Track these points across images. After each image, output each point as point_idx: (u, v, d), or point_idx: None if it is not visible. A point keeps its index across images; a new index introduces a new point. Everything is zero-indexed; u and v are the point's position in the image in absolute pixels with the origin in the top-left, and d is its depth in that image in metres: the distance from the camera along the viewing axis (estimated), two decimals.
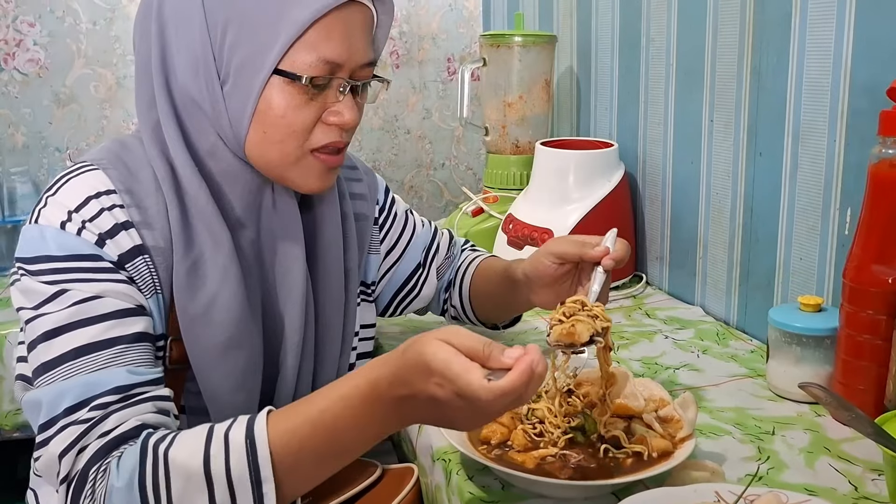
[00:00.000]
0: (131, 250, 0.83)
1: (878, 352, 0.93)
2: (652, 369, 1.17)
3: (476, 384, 0.67)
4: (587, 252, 0.98)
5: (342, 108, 0.87)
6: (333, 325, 0.98)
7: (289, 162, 0.87)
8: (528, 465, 0.84)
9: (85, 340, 0.79)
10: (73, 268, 0.80)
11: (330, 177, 0.91)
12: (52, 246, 0.81)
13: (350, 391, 0.74)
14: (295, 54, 0.83)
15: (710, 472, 0.84)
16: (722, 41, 1.32)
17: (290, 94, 0.84)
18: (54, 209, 0.82)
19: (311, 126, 0.87)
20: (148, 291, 0.84)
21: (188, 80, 0.85)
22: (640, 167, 1.60)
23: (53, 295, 0.79)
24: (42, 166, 2.06)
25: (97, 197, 0.83)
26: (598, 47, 1.73)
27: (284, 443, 0.73)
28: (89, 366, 0.78)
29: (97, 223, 0.82)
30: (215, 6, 0.83)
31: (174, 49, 0.86)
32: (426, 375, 0.69)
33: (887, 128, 0.91)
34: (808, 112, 1.15)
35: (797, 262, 1.21)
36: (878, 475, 0.86)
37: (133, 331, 0.81)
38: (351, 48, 0.86)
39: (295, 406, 0.76)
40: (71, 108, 2.06)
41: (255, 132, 0.86)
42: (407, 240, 1.16)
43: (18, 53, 2.01)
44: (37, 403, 0.78)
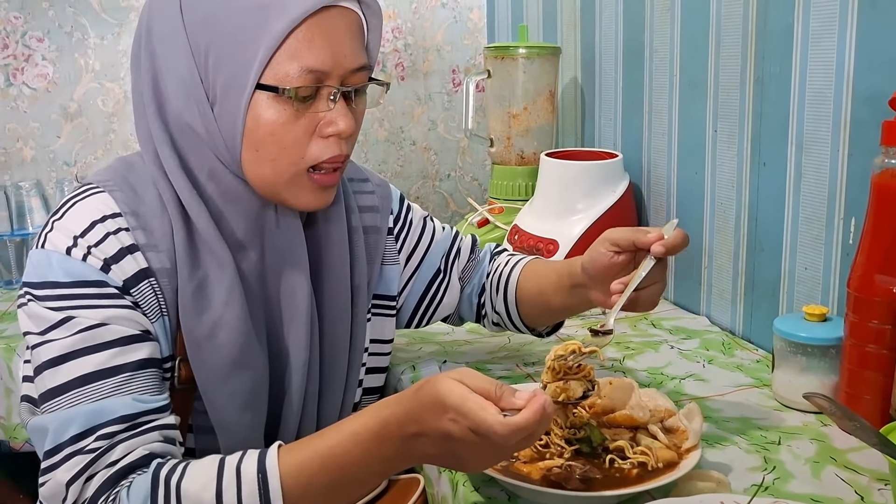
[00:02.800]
0: (136, 274, 0.83)
1: (884, 361, 0.93)
2: (657, 379, 1.17)
3: (492, 419, 0.69)
4: (640, 238, 0.93)
5: (335, 117, 0.85)
6: (339, 344, 0.98)
7: (283, 180, 0.86)
8: (533, 476, 0.84)
9: (90, 368, 0.79)
10: (79, 294, 0.81)
11: (325, 195, 0.89)
12: (59, 272, 0.81)
13: (360, 428, 0.75)
14: (276, 67, 0.81)
15: (716, 482, 0.84)
16: (725, 52, 1.33)
17: (276, 109, 0.83)
18: (60, 234, 0.82)
19: (304, 141, 0.85)
20: (153, 315, 0.85)
21: (180, 105, 0.85)
22: (644, 177, 1.61)
23: (59, 322, 0.80)
24: (50, 180, 2.07)
25: (102, 221, 0.83)
26: (602, 58, 1.74)
27: (294, 476, 0.75)
28: (95, 394, 0.79)
29: (102, 248, 0.82)
30: (196, 29, 0.83)
31: (164, 76, 0.85)
32: (441, 412, 0.71)
33: (890, 138, 0.91)
34: (812, 122, 1.16)
35: (802, 272, 1.21)
36: (885, 485, 0.86)
37: (138, 357, 0.81)
38: (336, 54, 0.83)
39: (306, 441, 0.78)
40: (79, 122, 2.08)
41: (248, 151, 0.85)
42: (425, 247, 1.14)
43: (27, 68, 2.02)
44: (42, 430, 0.79)
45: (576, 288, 1.02)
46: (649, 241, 0.92)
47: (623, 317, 1.44)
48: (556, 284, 1.06)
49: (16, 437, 1.51)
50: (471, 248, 1.19)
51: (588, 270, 0.98)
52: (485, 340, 1.35)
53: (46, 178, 2.07)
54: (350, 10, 0.86)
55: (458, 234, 1.20)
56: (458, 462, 0.75)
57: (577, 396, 0.86)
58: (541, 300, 1.10)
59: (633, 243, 0.94)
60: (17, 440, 1.51)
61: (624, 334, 1.36)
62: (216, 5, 0.83)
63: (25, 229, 1.93)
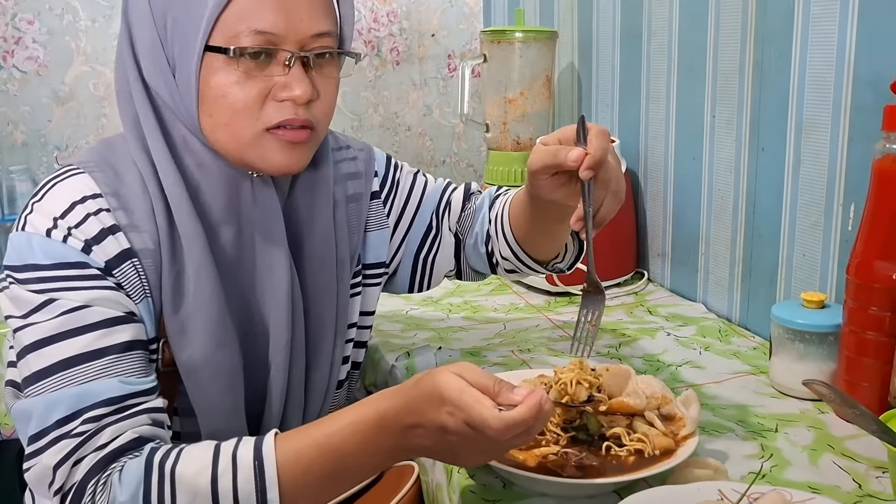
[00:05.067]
0: (119, 255, 0.82)
1: (882, 348, 0.92)
2: (654, 366, 1.16)
3: (487, 413, 0.68)
4: (560, 160, 0.86)
5: (290, 82, 0.83)
6: (326, 321, 0.97)
7: (243, 143, 0.84)
8: (529, 464, 0.83)
9: (74, 351, 0.78)
10: (60, 276, 0.80)
11: (296, 154, 0.86)
12: (39, 254, 0.80)
13: (358, 418, 0.75)
14: (225, 28, 0.80)
15: (713, 469, 0.83)
16: (724, 36, 1.32)
17: (226, 71, 0.81)
18: (40, 216, 0.81)
19: (256, 103, 0.83)
20: (137, 296, 0.84)
21: (151, 73, 0.85)
22: (641, 163, 1.60)
23: (41, 304, 0.79)
24: (41, 164, 2.06)
25: (83, 202, 0.82)
26: (600, 43, 1.72)
27: (291, 464, 0.74)
28: (80, 377, 0.77)
29: (83, 229, 0.81)
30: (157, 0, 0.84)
31: (138, 45, 0.86)
32: (438, 404, 0.71)
33: (891, 123, 0.90)
34: (811, 107, 1.14)
35: (800, 259, 1.20)
36: (883, 472, 0.86)
37: (123, 339, 0.80)
38: (290, 17, 0.81)
39: (303, 429, 0.77)
40: (70, 105, 2.06)
41: (205, 117, 0.84)
42: (415, 205, 1.10)
43: (17, 51, 2.00)
44: (27, 413, 0.78)
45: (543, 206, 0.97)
46: (572, 163, 0.85)
47: (619, 303, 1.43)
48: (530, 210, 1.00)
49: (6, 424, 1.50)
50: (464, 198, 1.13)
51: (538, 198, 0.94)
52: (480, 327, 1.34)
53: (37, 162, 2.06)
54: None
55: (448, 184, 1.14)
56: (453, 455, 0.75)
57: (582, 399, 0.88)
58: (532, 228, 1.04)
59: (560, 168, 0.88)
60: (8, 426, 1.51)
61: (620, 321, 1.35)
62: None
63: (16, 214, 1.92)
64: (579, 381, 0.89)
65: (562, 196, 0.92)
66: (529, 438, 0.74)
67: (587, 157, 0.84)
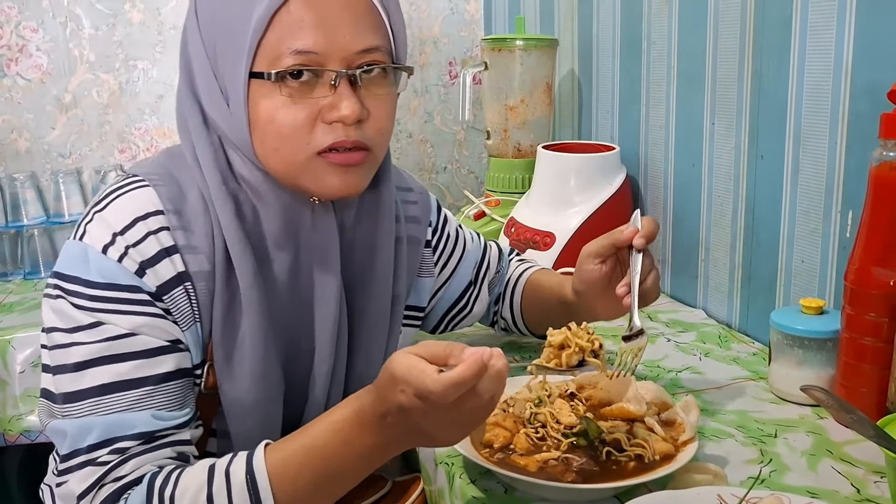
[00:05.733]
0: (172, 279, 0.81)
1: (880, 354, 0.93)
2: (654, 372, 1.17)
3: (427, 379, 0.67)
4: (618, 238, 0.96)
5: (337, 102, 0.80)
6: (373, 353, 0.95)
7: (296, 168, 0.82)
8: (530, 469, 0.84)
9: (113, 378, 0.78)
10: (111, 297, 0.79)
11: (351, 177, 0.84)
12: (93, 270, 0.79)
13: (338, 418, 0.76)
14: (266, 53, 0.80)
15: (713, 474, 0.84)
16: (723, 44, 1.32)
17: (271, 96, 0.80)
18: (100, 228, 0.80)
19: (305, 127, 0.81)
20: (185, 323, 0.82)
21: (208, 104, 0.85)
22: (641, 170, 1.60)
23: (88, 325, 0.78)
24: (45, 172, 2.06)
25: (145, 218, 0.81)
26: (600, 50, 1.73)
27: (280, 473, 0.75)
28: (115, 405, 0.78)
29: (140, 249, 0.80)
30: (205, 26, 0.84)
31: (195, 76, 0.85)
32: (393, 385, 0.70)
33: (888, 130, 0.91)
34: (809, 115, 1.15)
35: (799, 265, 1.21)
36: (881, 477, 0.86)
37: (163, 370, 0.80)
38: (331, 35, 0.79)
39: (291, 436, 0.78)
40: (73, 113, 2.07)
41: (257, 142, 0.83)
42: (458, 259, 1.14)
43: (21, 59, 2.01)
44: (62, 433, 0.78)
45: (577, 310, 1.04)
46: (627, 238, 0.95)
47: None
48: (557, 308, 1.09)
49: (10, 430, 1.51)
50: (498, 259, 1.21)
51: (584, 292, 1.01)
52: (482, 332, 1.35)
53: (41, 169, 2.06)
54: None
55: (486, 243, 1.21)
56: (426, 436, 0.73)
57: (572, 364, 0.86)
58: (544, 315, 1.12)
59: (613, 246, 0.97)
60: (12, 433, 1.51)
61: (620, 327, 1.35)
62: (216, 3, 0.83)
63: (20, 221, 1.93)
64: (568, 344, 0.88)
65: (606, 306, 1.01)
66: (489, 402, 0.70)
67: (642, 229, 0.94)
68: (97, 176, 2.01)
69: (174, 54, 2.04)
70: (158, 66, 2.08)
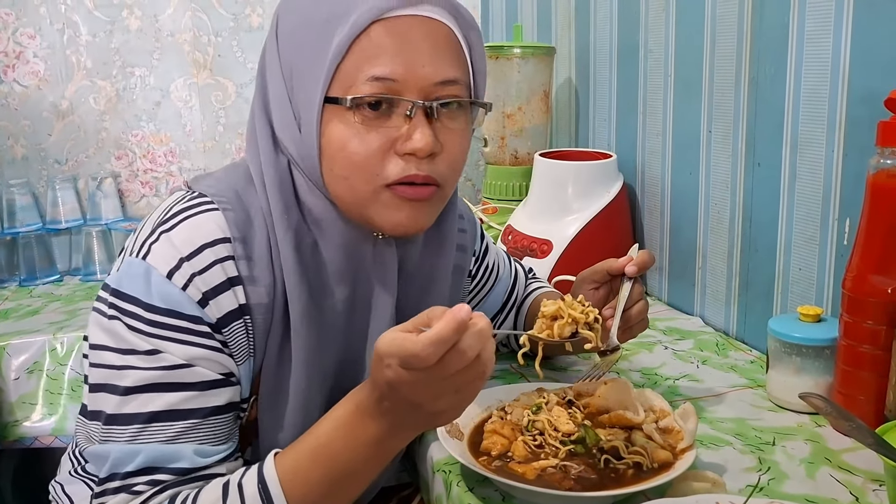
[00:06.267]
0: (232, 312, 0.79)
1: (878, 362, 0.93)
2: (652, 380, 1.16)
3: (407, 342, 0.64)
4: (612, 265, 0.98)
5: (412, 133, 0.78)
6: None
7: (362, 198, 0.80)
8: (528, 477, 0.83)
9: (163, 406, 0.76)
10: (171, 325, 0.76)
11: (418, 213, 0.81)
12: (155, 294, 0.76)
13: (340, 413, 0.74)
14: (343, 78, 0.77)
15: (711, 482, 0.83)
16: (720, 52, 1.33)
17: (345, 123, 0.78)
18: (166, 251, 0.77)
19: (377, 157, 0.78)
20: (241, 357, 0.81)
21: (280, 127, 0.82)
22: (638, 178, 1.61)
23: (145, 352, 0.76)
24: (41, 178, 2.06)
25: (212, 245, 0.78)
26: (597, 58, 1.74)
27: (291, 478, 0.74)
28: (161, 434, 0.76)
29: (205, 278, 0.77)
30: (284, 46, 0.81)
31: (271, 100, 0.83)
32: (380, 363, 0.67)
33: (885, 138, 0.91)
34: (807, 122, 1.16)
35: (796, 272, 1.21)
36: (880, 485, 0.86)
37: (213, 404, 0.78)
38: (410, 63, 0.77)
39: (298, 440, 0.77)
40: (70, 119, 2.06)
41: (326, 169, 0.80)
42: (489, 288, 1.14)
43: (18, 65, 2.01)
44: (103, 457, 0.77)
45: None
46: (621, 265, 0.97)
47: None
48: None
49: (5, 437, 1.50)
50: (524, 286, 1.21)
51: None
52: None
53: (37, 176, 2.06)
54: (435, 21, 0.80)
55: (516, 271, 1.20)
56: (424, 412, 0.70)
57: (565, 335, 0.85)
58: None
59: (607, 272, 0.98)
60: (7, 439, 1.51)
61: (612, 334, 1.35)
62: (296, 21, 0.81)
63: (15, 228, 1.92)
64: (561, 315, 0.87)
65: None
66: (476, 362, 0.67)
67: (636, 258, 0.96)
68: (93, 183, 2.01)
69: (171, 61, 2.06)
70: (155, 72, 2.08)
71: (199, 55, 2.08)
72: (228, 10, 2.07)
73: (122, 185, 2.12)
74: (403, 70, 0.77)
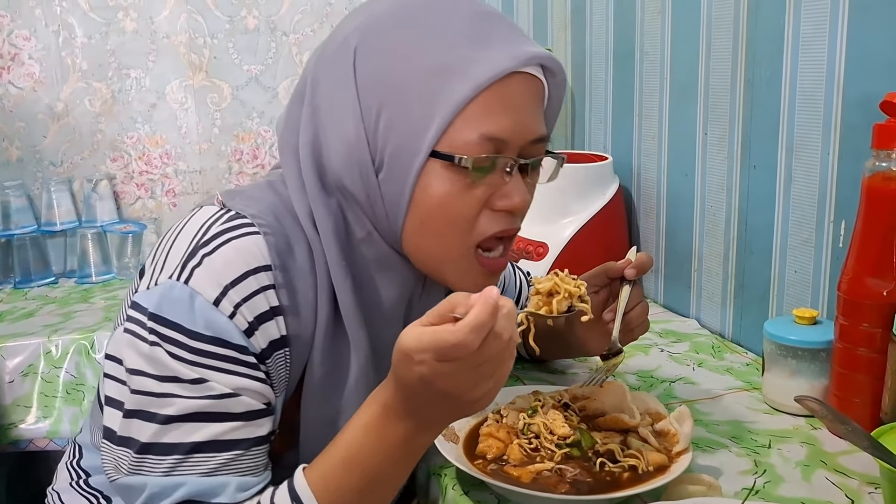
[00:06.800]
0: (275, 342, 0.76)
1: (874, 364, 0.93)
2: (647, 382, 1.16)
3: (446, 334, 0.62)
4: (610, 268, 0.97)
5: (510, 191, 0.77)
6: None
7: (449, 256, 0.79)
8: (524, 480, 0.83)
9: (207, 437, 0.72)
10: (218, 354, 0.73)
11: (492, 280, 0.81)
12: (200, 321, 0.72)
13: (366, 418, 0.72)
14: (454, 133, 0.74)
15: (707, 485, 0.83)
16: (716, 54, 1.33)
17: (449, 178, 0.75)
18: (209, 277, 0.73)
19: (475, 214, 0.77)
20: (279, 389, 0.78)
21: (341, 167, 0.78)
22: (634, 180, 1.61)
23: (191, 381, 0.72)
24: (36, 180, 2.05)
25: (255, 273, 0.74)
26: (593, 61, 1.74)
27: (323, 489, 0.72)
28: (204, 465, 0.72)
29: (251, 305, 0.74)
30: (369, 87, 0.76)
31: (327, 134, 0.78)
32: (408, 361, 0.65)
33: (881, 141, 0.91)
34: (802, 125, 1.16)
35: (792, 275, 1.21)
36: (875, 488, 0.86)
37: (256, 434, 0.75)
38: (517, 122, 0.76)
39: (325, 451, 0.74)
40: (66, 121, 2.06)
41: (413, 222, 0.77)
42: None
43: (13, 67, 2.01)
44: (138, 489, 0.73)
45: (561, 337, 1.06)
46: (620, 268, 0.96)
47: None
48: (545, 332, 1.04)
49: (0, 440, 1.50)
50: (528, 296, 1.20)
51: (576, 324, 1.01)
52: None
53: (32, 178, 2.05)
54: (535, 77, 0.78)
55: (521, 281, 1.20)
56: (458, 402, 0.68)
57: (562, 311, 0.85)
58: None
59: (606, 276, 0.98)
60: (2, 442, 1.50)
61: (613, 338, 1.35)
62: (394, 65, 0.75)
63: (10, 230, 1.92)
64: (557, 290, 0.86)
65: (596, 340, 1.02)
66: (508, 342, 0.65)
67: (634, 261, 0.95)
68: (89, 185, 2.00)
69: (167, 63, 2.06)
70: (151, 74, 2.07)
71: (194, 57, 2.08)
72: (224, 12, 2.07)
73: (118, 187, 2.11)
74: (512, 127, 0.76)
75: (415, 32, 0.76)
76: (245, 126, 2.15)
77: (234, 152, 2.15)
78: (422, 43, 0.75)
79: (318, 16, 2.12)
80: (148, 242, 2.08)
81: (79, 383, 1.51)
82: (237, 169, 2.17)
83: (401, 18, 0.77)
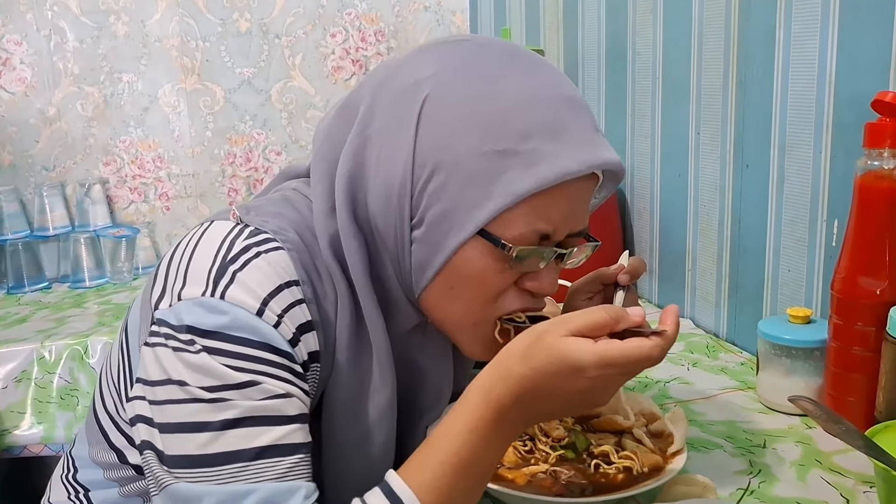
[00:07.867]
0: (312, 354, 0.74)
1: (867, 363, 0.93)
2: (642, 383, 1.16)
3: (643, 350, 0.65)
4: (604, 274, 0.95)
5: (543, 276, 0.77)
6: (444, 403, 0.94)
7: (469, 322, 0.78)
8: (518, 483, 0.83)
9: (270, 441, 0.68)
10: (268, 360, 0.70)
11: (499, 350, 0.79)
12: (246, 329, 0.69)
13: (477, 423, 0.69)
14: (506, 219, 0.73)
15: (702, 486, 0.83)
16: (707, 55, 1.33)
17: (491, 259, 0.74)
18: (246, 290, 0.70)
19: (504, 290, 0.77)
20: (312, 404, 0.76)
21: (377, 207, 0.75)
22: (627, 180, 1.61)
23: (242, 384, 0.68)
24: (29, 185, 2.05)
25: (288, 287, 0.72)
26: (585, 61, 1.74)
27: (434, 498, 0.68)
28: (270, 472, 0.69)
29: (292, 316, 0.72)
30: (428, 146, 0.73)
31: (371, 171, 0.76)
32: (575, 374, 0.65)
33: (872, 140, 0.91)
34: (794, 124, 1.16)
35: (785, 274, 1.21)
36: (870, 487, 0.86)
37: (309, 440, 0.72)
38: (568, 217, 0.76)
39: (424, 458, 0.71)
40: (58, 126, 2.06)
41: (440, 285, 0.76)
42: None
43: (5, 72, 2.00)
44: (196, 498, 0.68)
45: None
46: (613, 274, 0.94)
47: None
48: None
49: None
50: None
51: None
52: None
53: (24, 183, 2.05)
54: (596, 175, 0.78)
55: None
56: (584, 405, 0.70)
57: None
58: None
59: (599, 281, 0.96)
60: None
61: None
62: (460, 133, 0.72)
63: (3, 235, 1.91)
64: None
65: None
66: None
67: (627, 266, 0.93)
68: (81, 189, 2.00)
69: (159, 67, 2.05)
70: (143, 78, 2.07)
71: (186, 60, 2.07)
72: (216, 15, 2.07)
73: (111, 192, 2.11)
74: (562, 225, 0.76)
75: (491, 105, 0.73)
76: (238, 129, 2.14)
77: (227, 155, 2.15)
78: (495, 118, 0.73)
79: (310, 18, 2.12)
80: (142, 246, 2.08)
81: (73, 388, 1.51)
82: (230, 172, 2.17)
83: (482, 81, 0.74)
